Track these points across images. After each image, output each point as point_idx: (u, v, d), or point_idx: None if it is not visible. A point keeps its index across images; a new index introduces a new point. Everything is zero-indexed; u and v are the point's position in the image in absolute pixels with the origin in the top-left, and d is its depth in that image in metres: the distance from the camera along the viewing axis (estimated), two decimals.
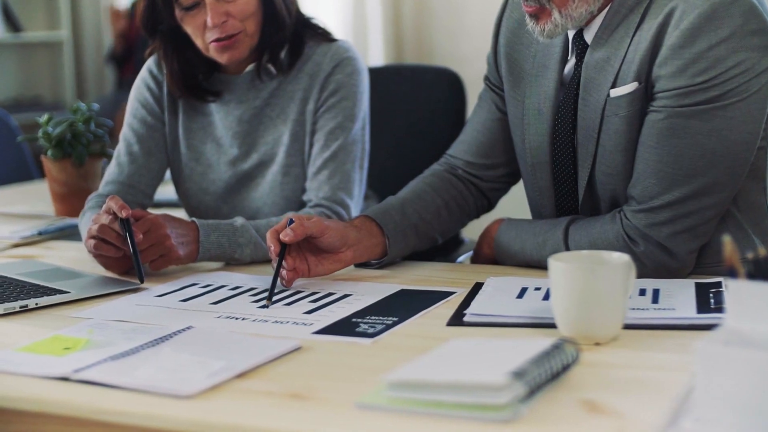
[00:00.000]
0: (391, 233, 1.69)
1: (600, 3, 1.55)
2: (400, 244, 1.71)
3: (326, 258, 1.62)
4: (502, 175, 1.82)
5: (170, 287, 1.63)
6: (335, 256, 1.63)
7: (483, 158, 1.80)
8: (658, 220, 1.52)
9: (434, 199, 1.77)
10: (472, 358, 1.11)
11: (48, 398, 1.14)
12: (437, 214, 1.77)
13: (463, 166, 1.81)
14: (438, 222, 1.77)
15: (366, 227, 1.67)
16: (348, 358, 1.25)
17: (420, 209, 1.75)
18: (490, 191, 1.83)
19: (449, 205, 1.78)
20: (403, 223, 1.71)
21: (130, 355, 1.24)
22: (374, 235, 1.68)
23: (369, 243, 1.67)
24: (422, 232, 1.75)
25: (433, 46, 4.60)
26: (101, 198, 1.95)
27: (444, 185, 1.79)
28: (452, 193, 1.79)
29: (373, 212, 1.71)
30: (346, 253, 1.63)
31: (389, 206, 1.73)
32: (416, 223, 1.73)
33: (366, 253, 1.67)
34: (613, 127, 1.55)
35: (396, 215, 1.71)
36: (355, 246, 1.64)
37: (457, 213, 1.80)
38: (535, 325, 1.33)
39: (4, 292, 1.58)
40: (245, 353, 1.23)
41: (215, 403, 1.10)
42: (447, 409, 1.02)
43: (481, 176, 1.81)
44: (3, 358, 1.26)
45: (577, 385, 1.10)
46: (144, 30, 1.93)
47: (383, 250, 1.69)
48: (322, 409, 1.07)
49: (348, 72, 1.91)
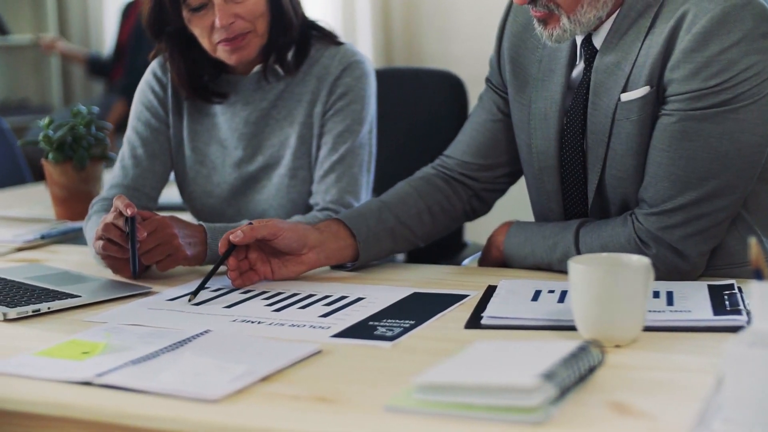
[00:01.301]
0: (363, 237, 1.69)
1: (608, 8, 1.56)
2: (373, 247, 1.71)
3: (288, 261, 1.64)
4: (498, 176, 1.82)
5: (181, 291, 1.62)
6: (297, 259, 1.64)
7: (480, 158, 1.80)
8: (670, 222, 1.53)
9: (416, 203, 1.77)
10: (499, 361, 1.11)
11: (71, 403, 1.14)
12: (418, 219, 1.77)
13: (458, 167, 1.81)
14: (419, 226, 1.77)
15: (331, 230, 1.68)
16: (369, 361, 1.25)
17: (399, 213, 1.74)
18: (486, 192, 1.83)
19: (432, 209, 1.78)
20: (377, 227, 1.71)
21: (150, 359, 1.24)
22: (341, 237, 1.68)
23: (334, 246, 1.68)
24: (399, 236, 1.75)
25: (422, 48, 4.61)
26: (106, 202, 1.94)
27: (429, 189, 1.79)
28: (437, 198, 1.79)
29: (344, 215, 1.72)
30: (309, 255, 1.65)
31: (364, 209, 1.74)
32: (393, 226, 1.73)
33: (334, 256, 1.68)
34: (624, 130, 1.56)
35: (370, 219, 1.71)
36: (318, 248, 1.65)
37: (441, 217, 1.80)
38: (553, 327, 1.34)
39: (15, 296, 1.58)
40: (267, 357, 1.23)
41: (242, 407, 1.10)
42: (477, 412, 1.03)
43: (477, 177, 1.81)
44: (22, 363, 1.26)
45: (604, 387, 1.10)
46: (149, 32, 1.92)
47: (354, 253, 1.70)
48: (350, 412, 1.07)
49: (356, 75, 1.91)
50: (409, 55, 4.61)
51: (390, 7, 4.63)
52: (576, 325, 1.28)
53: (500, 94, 1.79)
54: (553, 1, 1.54)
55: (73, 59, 5.24)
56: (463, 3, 4.47)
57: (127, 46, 4.89)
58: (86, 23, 5.52)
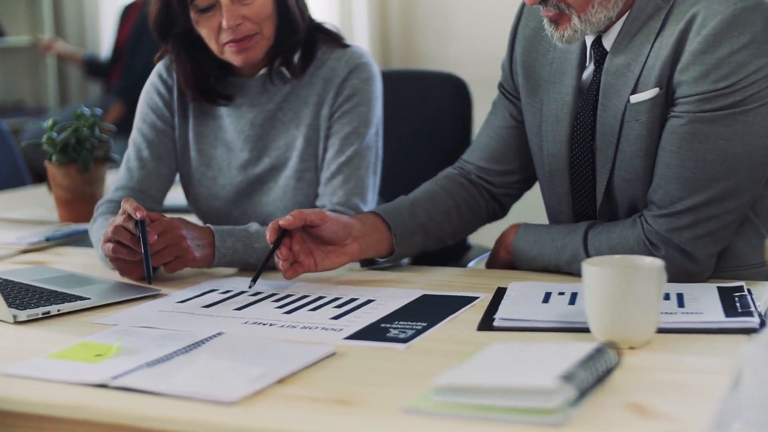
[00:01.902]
0: (399, 231, 1.70)
1: (619, 8, 1.56)
2: (408, 243, 1.71)
3: (332, 251, 1.63)
4: (514, 182, 1.83)
5: (190, 293, 1.62)
6: (341, 249, 1.63)
7: (496, 164, 1.81)
8: (679, 224, 1.53)
9: (445, 201, 1.78)
10: (516, 363, 1.11)
11: (87, 405, 1.14)
12: (448, 216, 1.77)
13: (476, 172, 1.82)
14: (448, 223, 1.78)
15: (371, 222, 1.68)
16: (383, 363, 1.25)
17: (430, 209, 1.75)
18: (503, 197, 1.84)
19: (460, 207, 1.79)
20: (411, 222, 1.72)
21: (164, 361, 1.24)
22: (380, 230, 1.69)
23: (375, 238, 1.68)
24: (431, 233, 1.75)
25: (419, 50, 4.61)
26: (112, 204, 1.94)
27: (456, 188, 1.80)
28: (464, 196, 1.80)
29: (381, 209, 1.72)
30: (352, 245, 1.64)
31: (398, 205, 1.74)
32: (425, 222, 1.74)
33: (372, 248, 1.68)
34: (634, 132, 1.57)
35: (405, 214, 1.72)
36: (361, 239, 1.65)
37: (468, 216, 1.81)
38: (566, 329, 1.34)
39: (24, 298, 1.57)
40: (282, 359, 1.23)
41: (259, 409, 1.09)
42: (496, 413, 1.03)
43: (494, 182, 1.82)
44: (36, 365, 1.25)
45: (621, 389, 1.11)
46: (156, 33, 1.92)
47: (390, 248, 1.70)
48: (369, 414, 1.08)
49: (363, 77, 1.92)
50: (406, 56, 4.62)
51: (387, 9, 4.63)
52: (590, 326, 1.28)
53: (512, 100, 1.79)
54: (564, 1, 1.54)
55: (70, 60, 5.23)
56: (461, 5, 4.48)
57: (125, 48, 4.88)
58: (82, 24, 5.51)
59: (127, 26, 4.94)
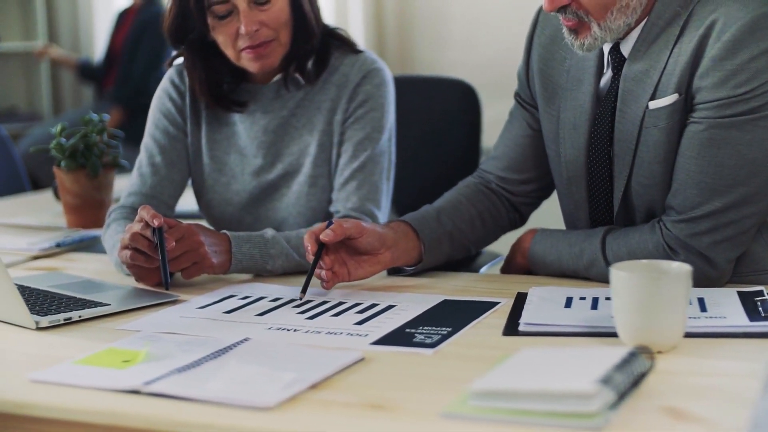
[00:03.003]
0: (427, 239, 1.70)
1: (637, 15, 1.57)
2: (435, 251, 1.72)
3: (365, 261, 1.63)
4: (533, 190, 1.84)
5: (209, 299, 1.62)
6: (374, 258, 1.64)
7: (515, 173, 1.82)
8: (699, 229, 1.54)
9: (469, 210, 1.78)
10: (551, 367, 1.12)
11: (121, 411, 1.13)
12: (471, 224, 1.78)
13: (496, 181, 1.83)
14: (472, 232, 1.78)
15: (402, 230, 1.69)
16: (413, 368, 1.25)
17: (455, 218, 1.76)
18: (522, 206, 1.85)
19: (483, 216, 1.80)
20: (438, 231, 1.72)
21: (194, 367, 1.24)
22: (410, 238, 1.69)
23: (406, 246, 1.68)
24: (457, 241, 1.76)
25: (415, 56, 4.63)
26: (124, 209, 1.94)
27: (478, 197, 1.81)
28: (486, 205, 1.81)
29: (410, 217, 1.72)
30: (385, 254, 1.64)
31: (425, 213, 1.74)
32: (451, 231, 1.74)
33: (403, 257, 1.68)
34: (652, 138, 1.57)
35: (432, 222, 1.72)
36: (393, 248, 1.66)
37: (490, 224, 1.82)
38: (592, 334, 1.34)
39: (43, 304, 1.57)
40: (312, 364, 1.23)
41: (296, 414, 1.10)
42: (535, 418, 1.03)
43: (514, 191, 1.83)
44: (65, 371, 1.25)
45: (654, 393, 1.11)
46: (170, 39, 1.92)
47: (418, 256, 1.70)
48: (406, 419, 1.08)
49: (376, 83, 1.92)
50: (401, 63, 4.63)
51: (383, 16, 4.64)
52: (617, 331, 1.29)
53: (529, 109, 1.80)
54: (582, 9, 1.55)
55: (65, 64, 5.21)
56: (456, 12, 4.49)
57: (120, 54, 4.87)
58: (76, 30, 5.49)
59: (123, 32, 4.93)
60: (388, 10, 4.63)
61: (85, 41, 5.48)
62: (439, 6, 4.56)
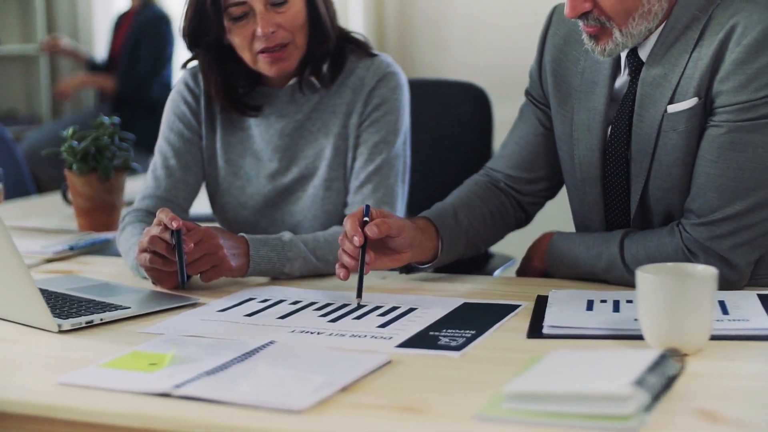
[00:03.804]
0: (446, 238, 1.70)
1: (658, 20, 1.58)
2: (451, 249, 1.72)
3: (387, 255, 1.64)
4: (541, 189, 1.84)
5: (229, 302, 1.62)
6: (397, 256, 1.64)
7: (524, 172, 1.82)
8: (719, 232, 1.55)
9: (481, 208, 1.79)
10: (582, 369, 1.12)
11: (153, 414, 1.13)
12: (484, 223, 1.79)
13: (504, 179, 1.83)
14: (484, 230, 1.79)
15: (428, 231, 1.69)
16: (441, 370, 1.25)
17: (469, 216, 1.76)
18: (529, 205, 1.85)
19: (494, 214, 1.80)
20: (456, 229, 1.73)
21: (222, 370, 1.24)
22: (432, 238, 1.70)
23: (427, 246, 1.69)
24: (471, 240, 1.76)
25: (415, 59, 4.63)
26: (139, 212, 1.94)
27: (488, 195, 1.81)
28: (495, 203, 1.81)
29: (431, 215, 1.72)
30: (408, 253, 1.65)
31: (442, 211, 1.74)
32: (467, 229, 1.75)
33: (420, 255, 1.69)
34: (671, 142, 1.58)
35: (450, 220, 1.73)
36: (417, 248, 1.66)
37: (500, 223, 1.82)
38: (618, 336, 1.35)
39: (63, 307, 1.57)
40: (340, 367, 1.23)
41: (329, 417, 1.10)
42: (570, 420, 1.04)
43: (522, 190, 1.83)
44: (93, 374, 1.25)
45: (686, 395, 1.11)
46: (186, 41, 1.92)
47: (434, 254, 1.71)
48: (441, 421, 1.08)
49: (392, 86, 1.92)
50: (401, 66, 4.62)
51: (383, 18, 4.65)
52: (643, 334, 1.29)
53: (541, 107, 1.80)
54: (604, 15, 1.56)
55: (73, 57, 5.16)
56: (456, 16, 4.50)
57: (119, 58, 4.86)
58: (76, 34, 5.48)
59: (121, 35, 4.92)
60: (388, 13, 4.63)
61: (84, 44, 5.46)
62: (439, 9, 4.57)
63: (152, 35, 4.76)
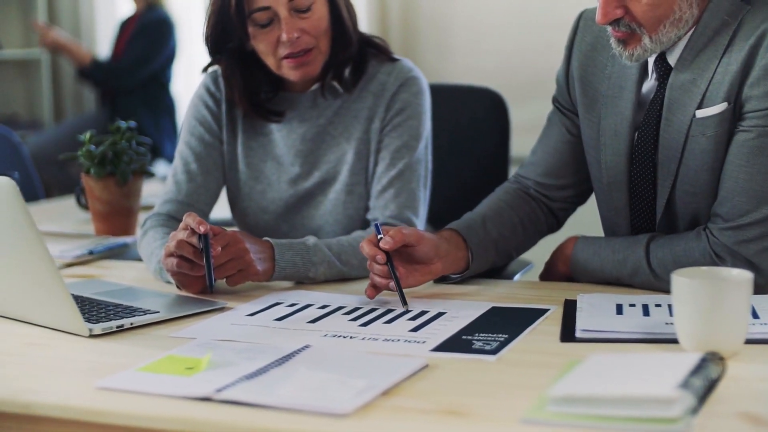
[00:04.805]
0: (475, 248, 1.71)
1: (688, 27, 1.58)
2: (482, 258, 1.73)
3: (417, 270, 1.64)
4: (571, 195, 1.85)
5: (256, 306, 1.62)
6: (426, 268, 1.64)
7: (553, 179, 1.83)
8: (747, 237, 1.55)
9: (511, 216, 1.79)
10: (625, 373, 1.12)
11: (196, 418, 1.13)
12: (514, 231, 1.79)
13: (534, 186, 1.84)
14: (515, 238, 1.79)
15: (454, 240, 1.69)
16: (479, 374, 1.26)
17: (499, 225, 1.77)
18: (560, 211, 1.86)
19: (524, 222, 1.81)
20: (485, 238, 1.73)
21: (261, 374, 1.24)
22: (460, 248, 1.70)
23: (456, 256, 1.69)
24: (501, 248, 1.77)
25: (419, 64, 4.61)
26: (160, 217, 1.94)
27: (519, 202, 1.82)
28: (526, 210, 1.82)
29: (458, 226, 1.73)
30: (437, 264, 1.65)
31: (471, 221, 1.75)
32: (496, 238, 1.75)
33: (452, 266, 1.69)
34: (699, 146, 1.59)
35: (479, 230, 1.73)
36: (445, 258, 1.66)
37: (531, 230, 1.83)
38: (650, 340, 1.35)
39: (91, 311, 1.56)
40: (380, 371, 1.23)
41: (373, 421, 1.10)
42: (617, 423, 1.04)
43: (552, 196, 1.84)
44: (131, 379, 1.25)
45: (726, 398, 1.12)
46: (208, 47, 1.92)
47: (465, 264, 1.71)
48: (486, 425, 1.08)
49: (414, 91, 1.93)
50: None
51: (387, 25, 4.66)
52: (678, 337, 1.29)
53: (569, 114, 1.81)
54: (635, 21, 1.56)
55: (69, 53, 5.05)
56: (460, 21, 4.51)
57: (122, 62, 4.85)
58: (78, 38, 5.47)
59: (124, 38, 4.92)
60: (392, 17, 4.64)
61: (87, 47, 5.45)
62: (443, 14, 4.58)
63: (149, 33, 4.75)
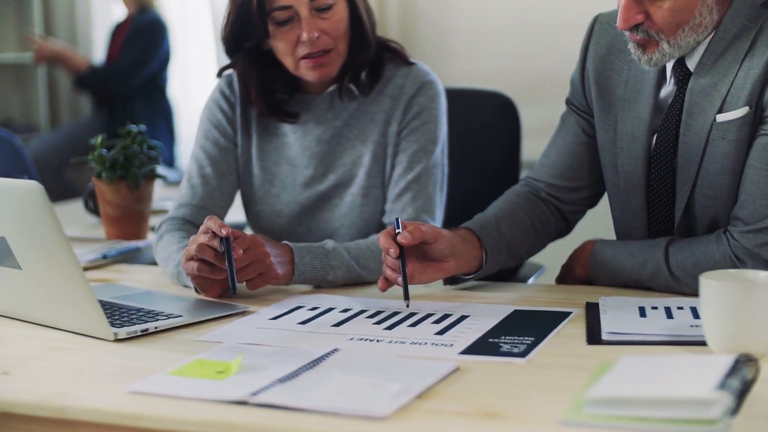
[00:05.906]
0: (490, 248, 1.71)
1: (708, 32, 1.59)
2: (495, 259, 1.73)
3: (430, 267, 1.64)
4: (583, 198, 1.85)
5: (278, 310, 1.62)
6: (440, 265, 1.64)
7: (566, 181, 1.83)
8: (767, 240, 1.56)
9: (522, 218, 1.80)
10: (660, 374, 1.13)
11: (231, 421, 1.13)
12: (526, 233, 1.80)
13: (545, 189, 1.84)
14: (526, 241, 1.80)
15: (469, 239, 1.70)
16: (510, 377, 1.26)
17: (512, 227, 1.77)
18: (570, 214, 1.87)
19: (535, 224, 1.81)
20: (499, 239, 1.74)
21: (294, 377, 1.24)
22: (475, 248, 1.70)
23: (470, 255, 1.69)
24: (514, 250, 1.77)
25: None
26: (176, 221, 1.94)
27: (530, 205, 1.82)
28: (537, 213, 1.82)
29: (473, 225, 1.73)
30: (450, 263, 1.65)
31: (484, 221, 1.75)
32: (510, 240, 1.76)
33: (465, 265, 1.69)
34: (720, 150, 1.60)
35: (493, 231, 1.74)
36: (459, 256, 1.66)
37: (541, 233, 1.83)
38: (676, 342, 1.36)
39: (114, 315, 1.57)
40: (412, 374, 1.23)
41: (412, 423, 1.10)
42: (655, 425, 1.04)
43: (564, 199, 1.84)
44: (163, 383, 1.25)
45: (761, 400, 1.13)
46: (226, 47, 1.92)
47: (478, 265, 1.71)
48: (525, 427, 1.09)
49: (431, 95, 1.93)
50: None
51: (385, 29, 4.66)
52: (707, 339, 1.30)
53: (584, 116, 1.82)
54: (655, 27, 1.57)
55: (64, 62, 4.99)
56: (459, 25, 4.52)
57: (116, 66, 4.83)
58: (74, 42, 5.45)
59: (118, 42, 4.90)
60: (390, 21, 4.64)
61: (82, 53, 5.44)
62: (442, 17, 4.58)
63: (142, 36, 4.73)
